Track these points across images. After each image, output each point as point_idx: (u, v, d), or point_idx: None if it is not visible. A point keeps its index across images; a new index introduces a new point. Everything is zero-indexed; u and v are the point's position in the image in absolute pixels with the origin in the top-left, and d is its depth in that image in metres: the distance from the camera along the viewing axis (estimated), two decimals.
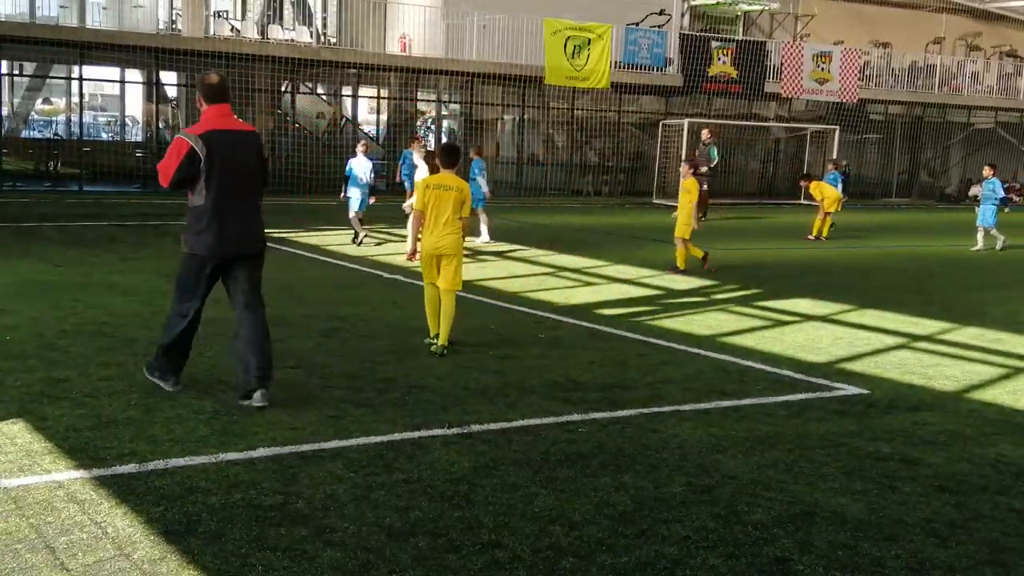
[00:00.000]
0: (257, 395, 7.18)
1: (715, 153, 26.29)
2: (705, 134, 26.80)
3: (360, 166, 17.21)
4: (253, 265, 7.61)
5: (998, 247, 20.51)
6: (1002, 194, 20.79)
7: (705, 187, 26.09)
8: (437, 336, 9.38)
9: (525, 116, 33.26)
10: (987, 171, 21.10)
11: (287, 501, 5.51)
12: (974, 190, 41.10)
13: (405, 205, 17.48)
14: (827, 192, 21.97)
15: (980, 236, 20.71)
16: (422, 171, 15.77)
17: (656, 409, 7.72)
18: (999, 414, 8.09)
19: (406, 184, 19.17)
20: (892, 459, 6.75)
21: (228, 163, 7.17)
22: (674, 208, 29.50)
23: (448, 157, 9.62)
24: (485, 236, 18.21)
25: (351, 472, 5.99)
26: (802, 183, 23.03)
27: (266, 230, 7.95)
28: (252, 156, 7.41)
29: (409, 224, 9.46)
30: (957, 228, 26.40)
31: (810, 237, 21.94)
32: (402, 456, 6.34)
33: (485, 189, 18.57)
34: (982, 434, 7.48)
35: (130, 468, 5.90)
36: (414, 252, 9.77)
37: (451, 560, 4.87)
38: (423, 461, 6.27)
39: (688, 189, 15.28)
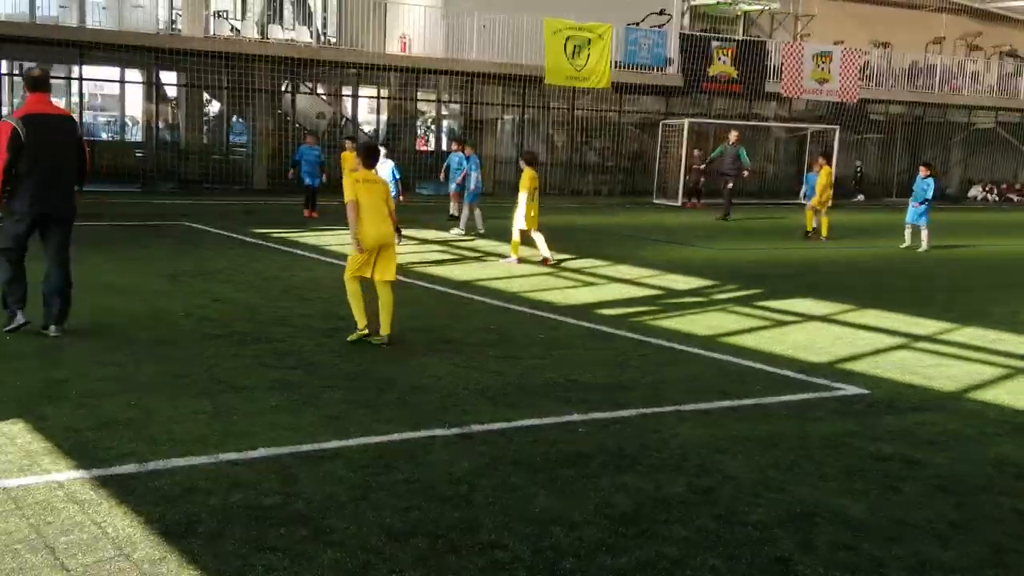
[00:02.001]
0: (52, 328, 9.07)
1: (744, 154, 26.80)
2: (733, 135, 27.37)
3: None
4: (62, 224, 9.22)
5: (921, 248, 20.08)
6: (930, 195, 20.33)
7: (730, 186, 26.36)
8: (366, 328, 9.53)
9: (525, 116, 33.24)
10: (923, 171, 20.70)
11: (287, 501, 5.50)
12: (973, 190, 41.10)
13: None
14: (823, 183, 21.83)
15: (908, 233, 20.38)
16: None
17: (656, 409, 7.72)
18: (1000, 414, 8.09)
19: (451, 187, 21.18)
20: (893, 459, 6.75)
21: (43, 140, 8.80)
22: (674, 208, 29.57)
23: (369, 158, 9.81)
24: (461, 228, 19.46)
25: (351, 472, 5.98)
26: (821, 160, 22.66)
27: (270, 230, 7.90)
28: (65, 135, 9.06)
29: (349, 220, 9.62)
30: (957, 228, 26.37)
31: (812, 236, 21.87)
32: (402, 456, 6.34)
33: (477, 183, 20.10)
34: (983, 434, 7.48)
35: (130, 468, 5.89)
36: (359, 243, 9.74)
37: (451, 561, 4.86)
38: (423, 461, 6.26)
39: (523, 181, 15.62)
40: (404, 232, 10.57)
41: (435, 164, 31.56)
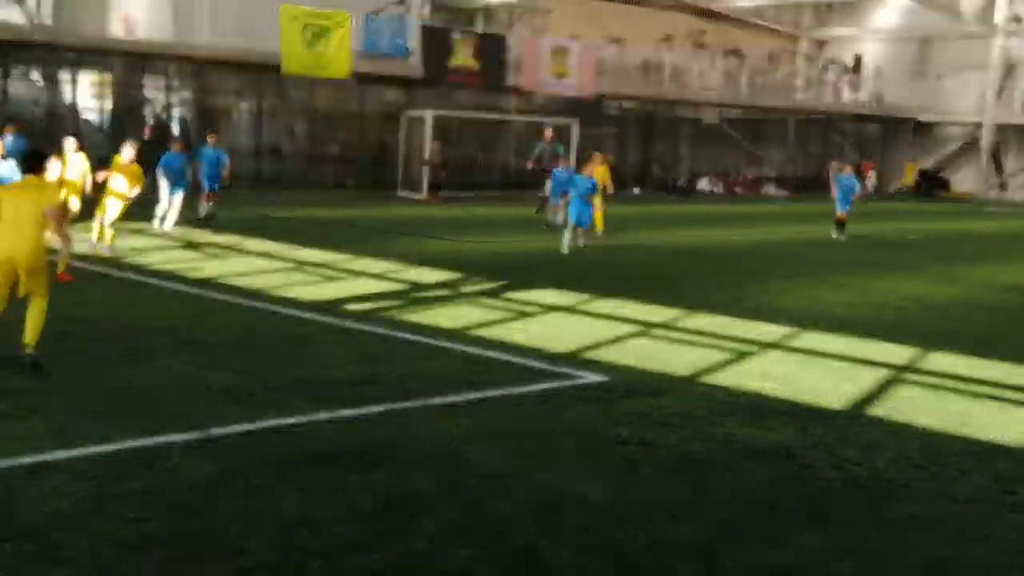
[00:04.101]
0: None
1: (561, 149, 27.72)
2: (548, 133, 28.38)
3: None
4: None
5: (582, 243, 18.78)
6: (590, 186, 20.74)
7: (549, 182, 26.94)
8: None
9: (263, 105, 32.40)
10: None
11: (10, 518, 5.12)
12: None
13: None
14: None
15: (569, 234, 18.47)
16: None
17: (405, 404, 7.70)
18: (726, 395, 8.58)
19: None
20: (631, 442, 7.02)
21: None
22: (419, 201, 29.70)
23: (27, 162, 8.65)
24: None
25: (81, 484, 5.63)
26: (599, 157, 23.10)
27: None
28: None
29: None
30: (687, 219, 27.91)
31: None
32: (138, 465, 6.02)
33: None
34: (712, 415, 7.91)
35: None
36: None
37: (192, 571, 4.66)
38: (161, 469, 5.97)
39: (127, 172, 14.77)
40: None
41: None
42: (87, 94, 31.88)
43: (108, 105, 31.28)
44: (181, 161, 18.25)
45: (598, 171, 20.81)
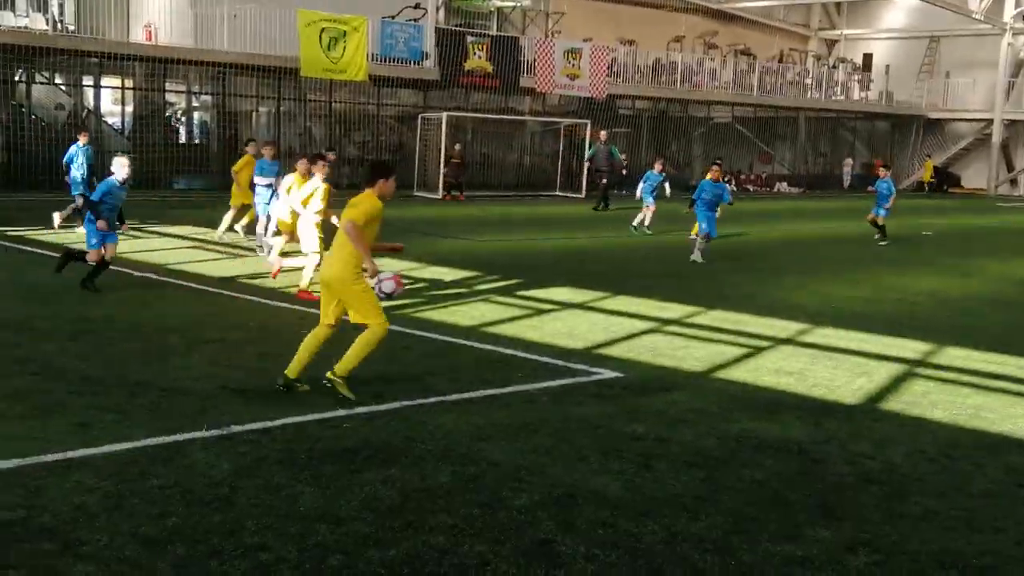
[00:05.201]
0: None
1: (616, 151, 29.50)
2: (603, 135, 30.15)
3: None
4: None
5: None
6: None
7: (605, 181, 28.47)
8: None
9: (282, 108, 32.57)
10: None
11: (31, 515, 5.19)
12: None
13: None
14: None
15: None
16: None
17: (421, 401, 7.76)
18: (741, 391, 8.61)
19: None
20: (646, 438, 7.06)
21: None
22: (435, 200, 29.76)
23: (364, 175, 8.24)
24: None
25: (102, 481, 5.70)
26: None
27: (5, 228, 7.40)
28: None
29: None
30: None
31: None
32: (157, 462, 6.09)
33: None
34: (726, 410, 7.94)
35: None
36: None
37: (213, 566, 4.72)
38: (180, 465, 6.04)
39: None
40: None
41: (191, 157, 30.46)
42: (109, 98, 32.13)
43: (129, 109, 31.51)
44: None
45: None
